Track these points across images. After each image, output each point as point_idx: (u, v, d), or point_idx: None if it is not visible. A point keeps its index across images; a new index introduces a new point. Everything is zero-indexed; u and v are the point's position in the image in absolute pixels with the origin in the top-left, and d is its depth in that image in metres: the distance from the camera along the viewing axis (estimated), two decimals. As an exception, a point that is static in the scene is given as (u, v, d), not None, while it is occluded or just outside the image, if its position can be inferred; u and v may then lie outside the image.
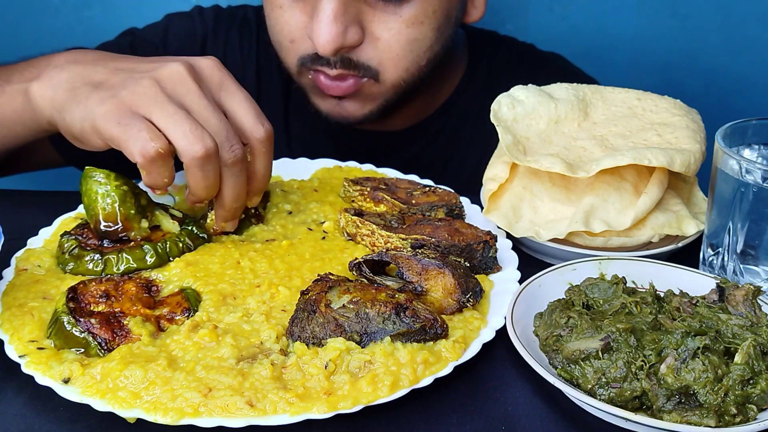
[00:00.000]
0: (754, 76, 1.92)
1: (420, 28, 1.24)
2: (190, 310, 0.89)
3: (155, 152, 0.90)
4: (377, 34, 1.23)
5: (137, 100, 0.93)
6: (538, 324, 0.88)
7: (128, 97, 0.93)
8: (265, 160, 1.01)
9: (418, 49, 1.26)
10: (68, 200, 1.12)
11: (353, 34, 1.21)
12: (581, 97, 1.15)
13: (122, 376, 0.78)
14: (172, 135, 0.91)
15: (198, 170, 0.93)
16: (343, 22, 1.19)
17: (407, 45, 1.25)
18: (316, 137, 1.50)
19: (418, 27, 1.24)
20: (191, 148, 0.91)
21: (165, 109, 0.92)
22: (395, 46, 1.24)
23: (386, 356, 0.80)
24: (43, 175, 1.54)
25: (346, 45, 1.21)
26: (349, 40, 1.21)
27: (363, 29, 1.23)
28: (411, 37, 1.24)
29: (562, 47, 1.60)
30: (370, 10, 1.22)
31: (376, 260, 0.94)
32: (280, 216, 1.10)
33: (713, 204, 0.98)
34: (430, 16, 1.24)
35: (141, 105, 0.93)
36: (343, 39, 1.20)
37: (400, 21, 1.22)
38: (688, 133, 1.08)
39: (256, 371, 0.79)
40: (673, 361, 0.77)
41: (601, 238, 1.04)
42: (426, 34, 1.26)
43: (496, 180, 1.10)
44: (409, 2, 1.22)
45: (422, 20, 1.24)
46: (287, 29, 1.27)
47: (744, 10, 1.87)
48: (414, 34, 1.24)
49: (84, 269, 0.95)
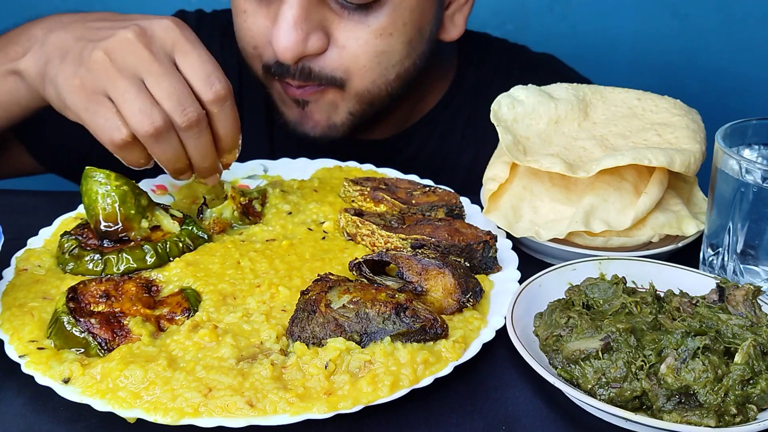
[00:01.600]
0: (754, 76, 1.92)
1: (389, 40, 1.21)
2: (190, 310, 0.89)
3: (121, 140, 0.94)
4: (342, 43, 1.20)
5: (93, 78, 0.95)
6: (538, 324, 0.88)
7: (86, 76, 0.96)
8: (224, 119, 0.99)
9: (387, 62, 1.23)
10: (68, 200, 1.12)
11: (315, 41, 1.18)
12: (581, 97, 1.15)
13: (122, 376, 0.78)
14: (125, 114, 0.94)
15: (154, 146, 0.95)
16: (303, 28, 1.15)
17: (375, 57, 1.21)
18: (301, 146, 1.47)
19: (386, 39, 1.20)
20: (141, 127, 0.93)
21: (117, 85, 0.94)
22: (362, 56, 1.21)
23: (386, 356, 0.80)
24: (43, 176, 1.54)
25: (307, 53, 1.18)
26: (311, 48, 1.18)
27: (328, 36, 1.19)
28: (379, 49, 1.21)
29: (563, 47, 1.60)
30: (335, 17, 1.19)
31: (376, 260, 0.94)
32: (279, 216, 1.10)
33: (713, 204, 0.98)
34: (399, 28, 1.21)
35: (98, 83, 0.95)
36: (304, 46, 1.17)
37: (368, 31, 1.19)
38: (688, 133, 1.08)
39: (256, 371, 0.79)
40: (673, 361, 0.77)
41: (601, 238, 1.04)
42: (395, 47, 1.22)
43: (496, 180, 1.10)
44: (377, 12, 1.18)
45: (391, 32, 1.20)
46: (250, 35, 1.24)
47: (744, 10, 1.87)
48: (382, 46, 1.21)
49: (84, 269, 0.95)
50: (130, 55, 0.95)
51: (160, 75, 0.95)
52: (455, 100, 1.45)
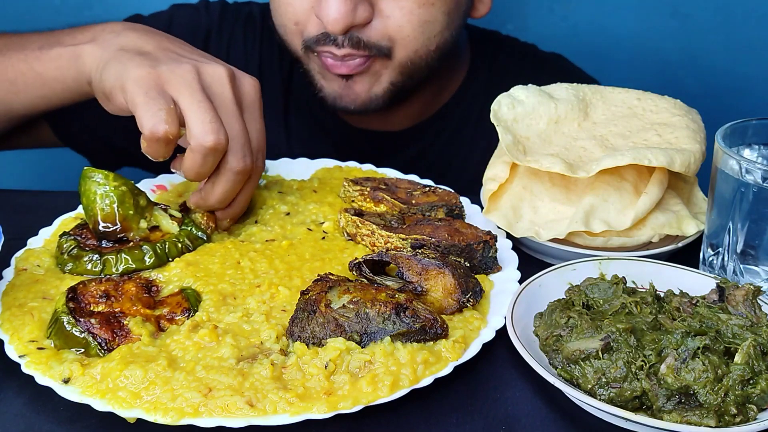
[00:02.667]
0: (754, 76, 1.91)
1: (431, 10, 1.25)
2: (190, 310, 0.89)
3: (163, 134, 0.93)
4: (387, 13, 1.23)
5: (173, 78, 0.96)
6: (538, 324, 0.88)
7: (165, 73, 0.96)
8: (250, 189, 1.05)
9: (429, 32, 1.27)
10: (68, 200, 1.12)
11: (362, 12, 1.21)
12: (581, 97, 1.15)
13: (122, 376, 0.78)
14: (191, 119, 0.94)
15: (200, 157, 0.95)
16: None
17: (419, 26, 1.25)
18: (315, 136, 1.50)
19: (429, 8, 1.24)
20: (204, 136, 0.94)
21: (194, 95, 0.95)
22: (407, 26, 1.24)
23: (386, 356, 0.80)
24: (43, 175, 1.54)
25: (355, 23, 1.21)
26: (359, 18, 1.21)
27: (373, 7, 1.23)
28: (422, 18, 1.25)
29: (563, 47, 1.60)
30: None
31: (376, 260, 0.94)
32: (278, 217, 1.10)
33: (713, 204, 0.98)
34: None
35: (174, 85, 0.96)
36: (353, 16, 1.20)
37: (411, 1, 1.23)
38: (688, 133, 1.08)
39: (256, 371, 0.79)
40: (673, 361, 0.77)
41: (601, 238, 1.04)
42: (436, 16, 1.26)
43: (496, 180, 1.10)
44: None
45: (433, 2, 1.24)
46: (291, 11, 1.27)
47: (744, 10, 1.87)
48: (425, 15, 1.24)
49: (83, 269, 0.95)
50: (217, 86, 0.99)
51: (233, 115, 0.99)
52: (467, 97, 1.48)
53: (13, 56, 1.16)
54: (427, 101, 1.46)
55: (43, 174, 1.59)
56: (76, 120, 1.42)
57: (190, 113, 0.94)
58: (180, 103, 0.95)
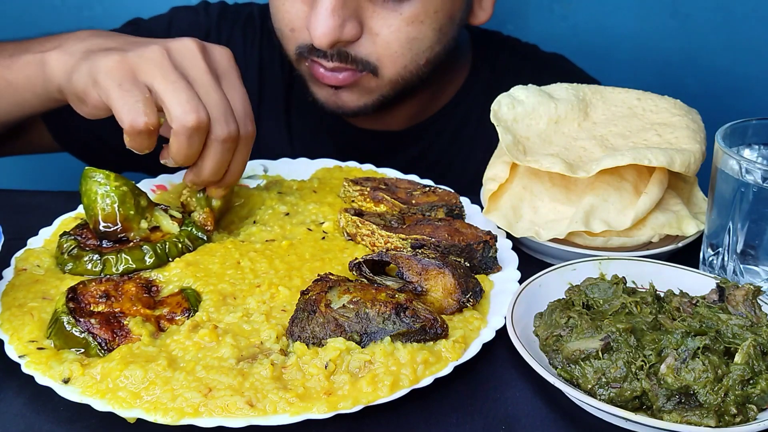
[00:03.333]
0: (754, 76, 1.91)
1: (420, 27, 1.24)
2: (190, 310, 0.89)
3: (144, 125, 0.92)
4: (376, 30, 1.23)
5: (142, 63, 0.95)
6: (538, 324, 0.88)
7: (134, 58, 0.96)
8: (242, 156, 1.03)
9: (418, 48, 1.26)
10: (68, 200, 1.12)
11: (350, 29, 1.21)
12: (581, 97, 1.15)
13: (122, 376, 0.78)
14: (168, 101, 0.93)
15: (185, 139, 0.95)
16: (340, 15, 1.19)
17: (406, 43, 1.25)
18: (317, 135, 1.50)
19: (418, 26, 1.24)
20: (184, 117, 0.93)
21: (167, 76, 0.94)
22: (394, 43, 1.24)
23: (386, 356, 0.80)
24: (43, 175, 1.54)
25: (342, 39, 1.21)
26: (346, 35, 1.21)
27: (361, 25, 1.23)
28: (411, 36, 1.24)
29: (563, 47, 1.60)
30: (369, 5, 1.22)
31: (376, 260, 0.94)
32: (277, 217, 1.10)
33: (713, 204, 0.98)
34: (431, 15, 1.24)
35: (145, 70, 0.95)
36: (340, 33, 1.20)
37: (400, 18, 1.22)
38: (688, 133, 1.08)
39: (256, 371, 0.79)
40: (673, 361, 0.77)
41: (601, 238, 1.04)
42: (426, 33, 1.26)
43: (496, 180, 1.10)
44: (410, 0, 1.22)
45: (422, 19, 1.24)
46: (288, 18, 1.27)
47: (744, 10, 1.87)
48: (414, 33, 1.24)
49: (83, 269, 0.95)
50: (188, 60, 0.98)
51: (210, 86, 0.97)
52: (469, 97, 1.48)
53: None
54: (428, 102, 1.46)
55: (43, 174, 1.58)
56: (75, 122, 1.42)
57: (166, 97, 0.94)
58: (154, 87, 0.94)
